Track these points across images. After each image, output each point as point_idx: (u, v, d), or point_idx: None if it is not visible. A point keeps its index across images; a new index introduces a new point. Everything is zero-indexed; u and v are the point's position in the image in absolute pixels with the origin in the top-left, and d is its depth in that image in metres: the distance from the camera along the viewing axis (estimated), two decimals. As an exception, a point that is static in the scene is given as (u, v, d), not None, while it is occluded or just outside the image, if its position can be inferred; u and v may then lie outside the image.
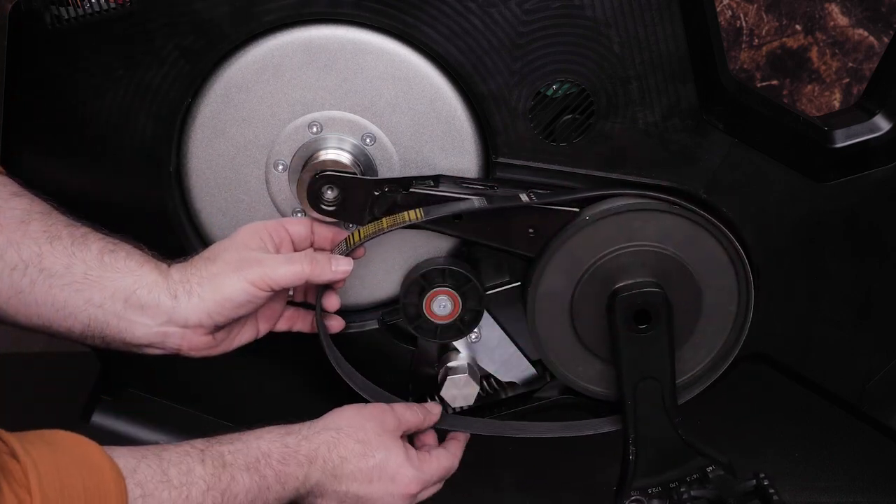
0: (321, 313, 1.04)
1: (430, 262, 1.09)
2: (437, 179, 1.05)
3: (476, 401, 1.14)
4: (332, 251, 1.04)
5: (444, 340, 1.11)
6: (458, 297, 1.07)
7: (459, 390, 1.12)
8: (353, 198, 1.03)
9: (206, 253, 0.99)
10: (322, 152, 1.05)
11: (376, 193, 1.03)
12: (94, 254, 0.95)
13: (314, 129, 1.05)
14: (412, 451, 1.03)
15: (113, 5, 0.99)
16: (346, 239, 1.03)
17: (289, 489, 0.94)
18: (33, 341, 1.70)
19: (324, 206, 1.03)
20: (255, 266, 0.96)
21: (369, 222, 1.04)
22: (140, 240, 1.00)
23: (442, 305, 1.07)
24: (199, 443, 0.90)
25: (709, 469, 1.12)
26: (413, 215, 1.01)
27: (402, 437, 1.04)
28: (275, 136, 1.05)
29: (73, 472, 0.76)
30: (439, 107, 1.04)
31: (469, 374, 1.12)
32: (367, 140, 1.05)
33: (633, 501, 1.11)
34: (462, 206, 1.02)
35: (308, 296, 1.08)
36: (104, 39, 1.00)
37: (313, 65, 1.02)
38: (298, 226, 1.03)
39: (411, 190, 1.03)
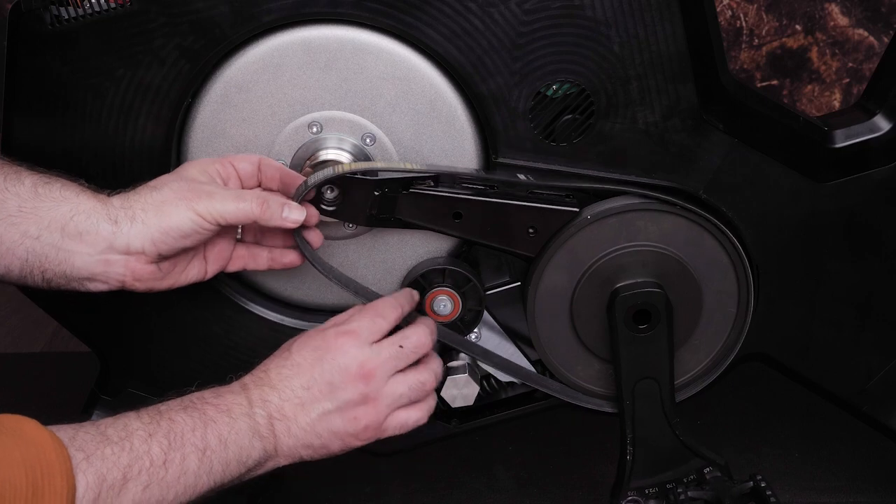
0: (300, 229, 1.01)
1: (430, 262, 1.09)
2: (436, 179, 1.05)
3: (476, 401, 1.14)
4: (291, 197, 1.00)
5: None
6: (458, 297, 1.07)
7: (459, 390, 1.12)
8: (353, 198, 1.03)
9: (152, 183, 0.96)
10: (322, 152, 1.05)
11: (376, 193, 1.03)
12: (27, 187, 0.93)
13: (314, 129, 1.05)
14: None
15: (113, 5, 0.99)
16: (303, 183, 1.00)
17: (240, 419, 0.90)
18: (33, 341, 1.71)
19: (324, 206, 1.03)
20: (205, 198, 0.94)
21: (370, 220, 1.04)
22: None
23: (442, 305, 1.08)
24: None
25: (706, 470, 1.12)
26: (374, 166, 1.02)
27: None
28: (275, 136, 1.05)
29: (11, 448, 0.76)
30: (439, 107, 1.04)
31: (469, 374, 1.12)
32: (367, 140, 1.05)
33: (629, 502, 1.11)
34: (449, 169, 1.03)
35: (260, 238, 1.05)
36: (104, 39, 1.00)
37: (313, 65, 1.02)
38: (245, 163, 1.00)
39: (411, 190, 1.03)
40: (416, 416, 0.99)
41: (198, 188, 0.95)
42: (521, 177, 1.04)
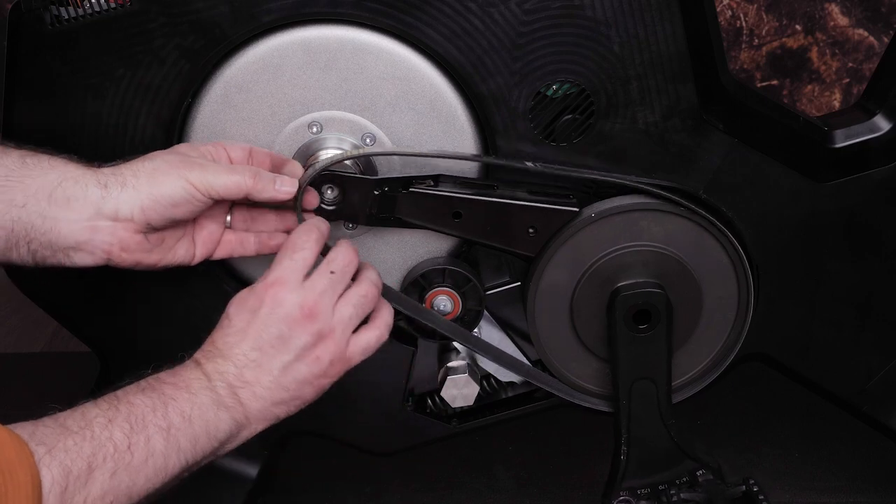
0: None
1: (430, 262, 1.09)
2: (436, 179, 1.05)
3: (476, 401, 1.14)
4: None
5: (444, 340, 1.11)
6: (458, 297, 1.07)
7: (459, 390, 1.12)
8: (353, 197, 1.03)
9: (144, 156, 0.96)
10: (322, 152, 1.05)
11: (376, 193, 1.03)
12: (14, 158, 0.92)
13: (314, 129, 1.05)
14: None
15: (113, 5, 0.99)
16: (311, 167, 1.01)
17: (200, 392, 0.88)
18: (33, 341, 1.71)
19: (324, 206, 1.03)
20: (198, 169, 0.93)
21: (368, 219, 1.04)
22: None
23: (442, 305, 1.08)
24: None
25: (699, 473, 1.12)
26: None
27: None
28: (275, 136, 1.05)
29: None
30: (439, 107, 1.04)
31: (469, 374, 1.12)
32: (367, 140, 1.05)
33: (621, 501, 1.11)
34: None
35: (251, 224, 1.03)
36: (104, 39, 0.99)
37: (313, 65, 1.02)
38: (236, 150, 0.99)
39: (411, 189, 1.03)
40: (375, 334, 0.96)
41: (191, 161, 0.94)
42: (529, 164, 1.04)
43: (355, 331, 0.95)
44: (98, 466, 0.80)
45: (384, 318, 0.98)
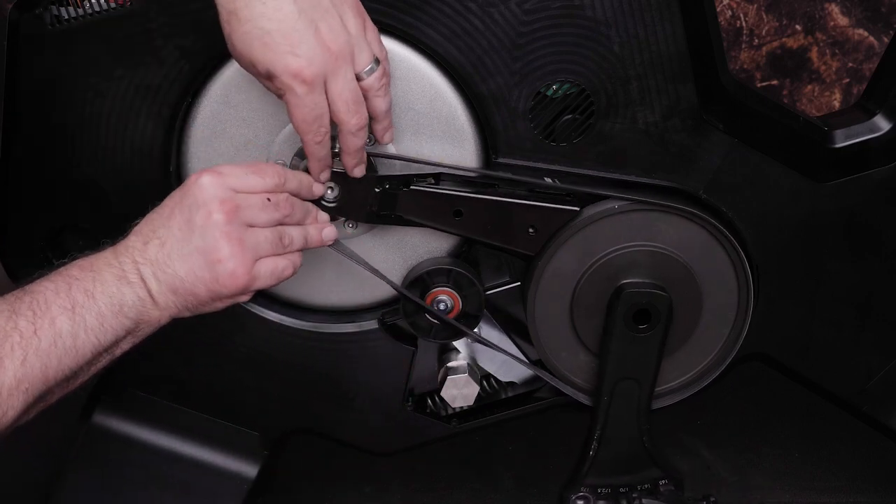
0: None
1: (430, 262, 1.09)
2: (437, 177, 1.05)
3: (476, 401, 1.14)
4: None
5: (444, 340, 1.11)
6: (459, 297, 1.07)
7: (459, 390, 1.12)
8: (354, 195, 1.03)
9: None
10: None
11: (377, 190, 1.03)
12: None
13: (314, 129, 1.04)
14: None
15: (113, 5, 0.99)
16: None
17: (104, 270, 0.89)
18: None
19: (325, 203, 1.03)
20: None
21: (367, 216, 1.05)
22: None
23: (442, 304, 1.08)
24: None
25: (661, 482, 1.12)
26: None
27: None
28: (274, 136, 1.05)
29: None
30: (439, 107, 1.04)
31: (469, 374, 1.12)
32: (367, 140, 1.05)
33: (580, 497, 1.11)
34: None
35: None
36: (104, 39, 1.00)
37: (313, 65, 1.02)
38: None
39: (412, 187, 1.03)
40: (283, 263, 0.95)
41: None
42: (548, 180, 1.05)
43: None
44: (6, 356, 0.82)
45: (291, 260, 0.96)
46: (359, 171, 1.00)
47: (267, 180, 0.94)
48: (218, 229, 0.90)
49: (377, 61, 0.95)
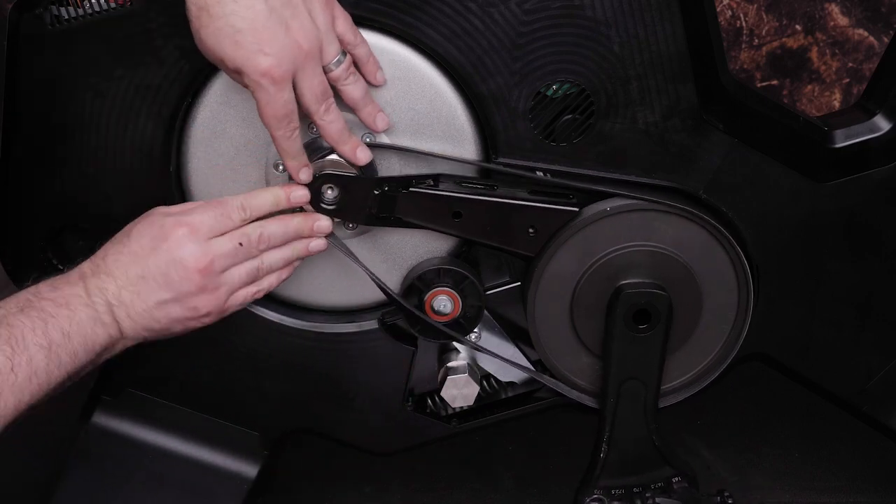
0: None
1: (430, 262, 1.09)
2: (437, 179, 1.05)
3: (476, 401, 1.14)
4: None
5: (444, 340, 1.11)
6: (458, 297, 1.07)
7: (459, 390, 1.12)
8: (353, 197, 1.03)
9: None
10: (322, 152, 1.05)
11: (376, 192, 1.03)
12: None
13: (314, 129, 1.04)
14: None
15: (113, 5, 0.99)
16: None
17: (79, 309, 0.92)
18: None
19: (324, 206, 1.03)
20: None
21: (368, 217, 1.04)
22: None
23: (442, 305, 1.08)
24: None
25: (674, 480, 1.12)
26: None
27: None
28: (275, 136, 1.05)
29: None
30: (439, 107, 1.04)
31: (469, 374, 1.12)
32: (367, 140, 1.05)
33: (594, 500, 1.11)
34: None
35: None
36: (104, 39, 1.00)
37: (313, 65, 1.02)
38: None
39: (411, 189, 1.03)
40: (253, 290, 1.01)
41: None
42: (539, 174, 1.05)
43: None
44: None
45: (269, 281, 1.01)
46: (361, 153, 1.01)
47: (234, 221, 0.98)
48: (195, 284, 0.95)
49: (344, 53, 0.97)
